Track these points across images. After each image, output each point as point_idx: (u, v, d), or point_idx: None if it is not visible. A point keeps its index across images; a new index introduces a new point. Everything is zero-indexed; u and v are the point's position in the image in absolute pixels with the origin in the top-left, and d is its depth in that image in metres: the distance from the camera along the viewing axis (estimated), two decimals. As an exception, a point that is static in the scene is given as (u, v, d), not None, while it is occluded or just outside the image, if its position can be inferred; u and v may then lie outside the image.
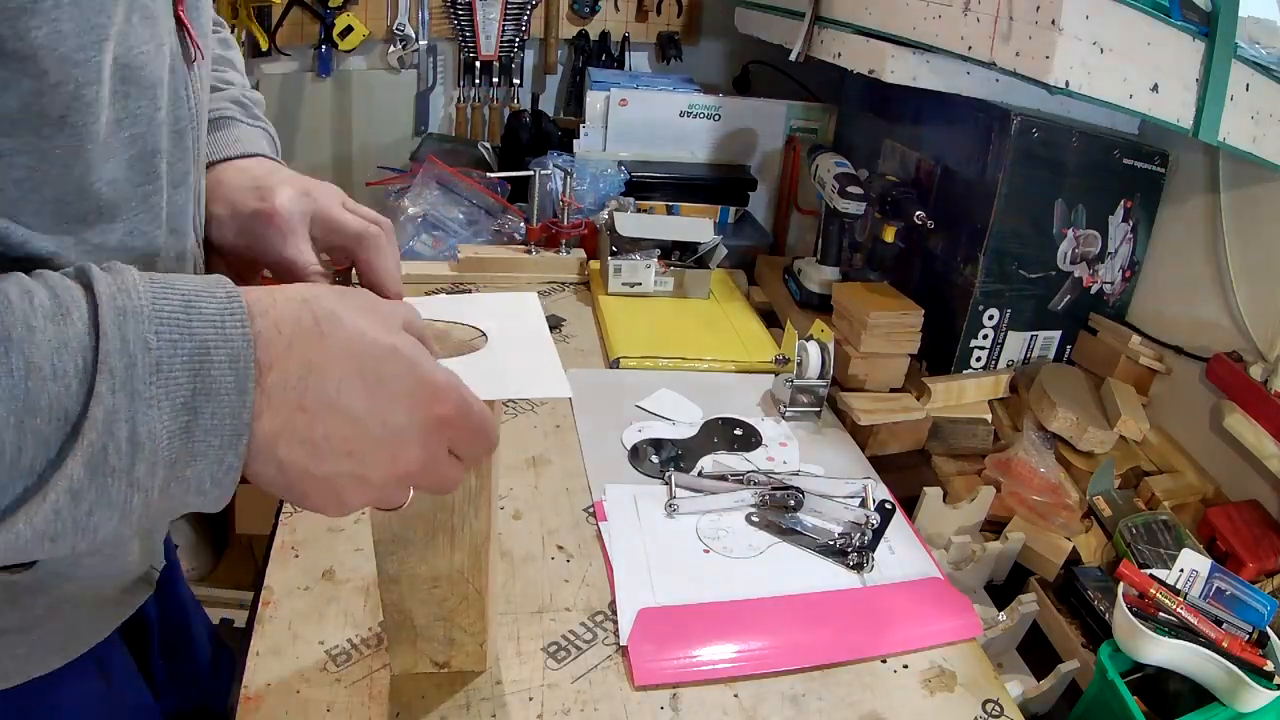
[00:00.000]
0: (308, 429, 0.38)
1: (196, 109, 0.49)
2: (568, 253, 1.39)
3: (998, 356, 1.18)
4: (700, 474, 0.90)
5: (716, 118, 1.59)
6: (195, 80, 0.49)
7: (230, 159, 0.59)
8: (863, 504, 0.85)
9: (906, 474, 1.01)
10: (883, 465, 0.98)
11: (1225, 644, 0.68)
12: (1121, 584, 0.72)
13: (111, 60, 0.39)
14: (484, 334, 0.55)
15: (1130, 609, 0.70)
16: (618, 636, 0.69)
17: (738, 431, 0.99)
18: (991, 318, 1.14)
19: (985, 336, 1.15)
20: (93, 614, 0.58)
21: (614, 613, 0.72)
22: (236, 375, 0.35)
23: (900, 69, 1.07)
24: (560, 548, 0.79)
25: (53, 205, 0.39)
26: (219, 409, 0.35)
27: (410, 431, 0.41)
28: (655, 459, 0.93)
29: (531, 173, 1.33)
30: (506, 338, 0.55)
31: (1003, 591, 0.90)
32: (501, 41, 1.77)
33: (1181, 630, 0.69)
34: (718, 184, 1.56)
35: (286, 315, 0.38)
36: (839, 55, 1.21)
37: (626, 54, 1.84)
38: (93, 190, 0.41)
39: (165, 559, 0.67)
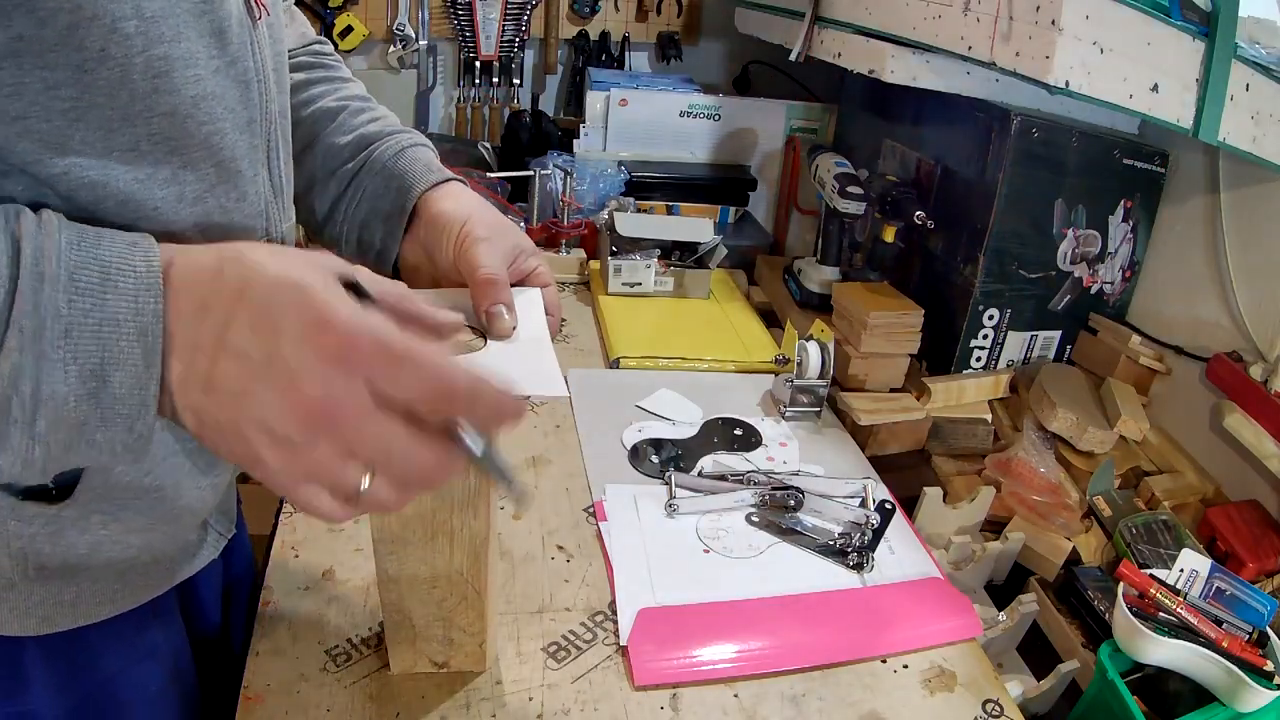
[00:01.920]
0: (206, 368, 0.38)
1: (263, 64, 0.50)
2: (568, 253, 1.39)
3: (998, 356, 1.18)
4: (700, 474, 0.90)
5: (716, 118, 1.59)
6: (260, 37, 0.50)
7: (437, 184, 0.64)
8: (863, 504, 0.85)
9: (906, 474, 1.01)
10: (883, 465, 0.98)
11: (1225, 644, 0.68)
12: (1121, 584, 0.72)
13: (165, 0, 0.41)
14: (483, 337, 0.55)
15: (1130, 609, 0.70)
16: (618, 636, 0.69)
17: (738, 431, 0.99)
18: (991, 318, 1.14)
19: (985, 336, 1.15)
20: (147, 569, 0.57)
21: (614, 613, 0.72)
22: (144, 349, 0.37)
23: (900, 69, 1.07)
24: (560, 548, 0.79)
25: (100, 134, 0.41)
26: (126, 379, 0.37)
27: (300, 365, 0.37)
28: (655, 459, 0.93)
29: (531, 173, 1.34)
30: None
31: (1003, 591, 0.90)
32: (501, 41, 1.77)
33: (1181, 630, 0.69)
34: (718, 184, 1.56)
35: (201, 266, 0.39)
36: (839, 55, 1.21)
37: (626, 54, 1.83)
38: (142, 123, 0.42)
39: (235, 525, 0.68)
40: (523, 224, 1.38)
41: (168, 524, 0.55)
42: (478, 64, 1.78)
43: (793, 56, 1.30)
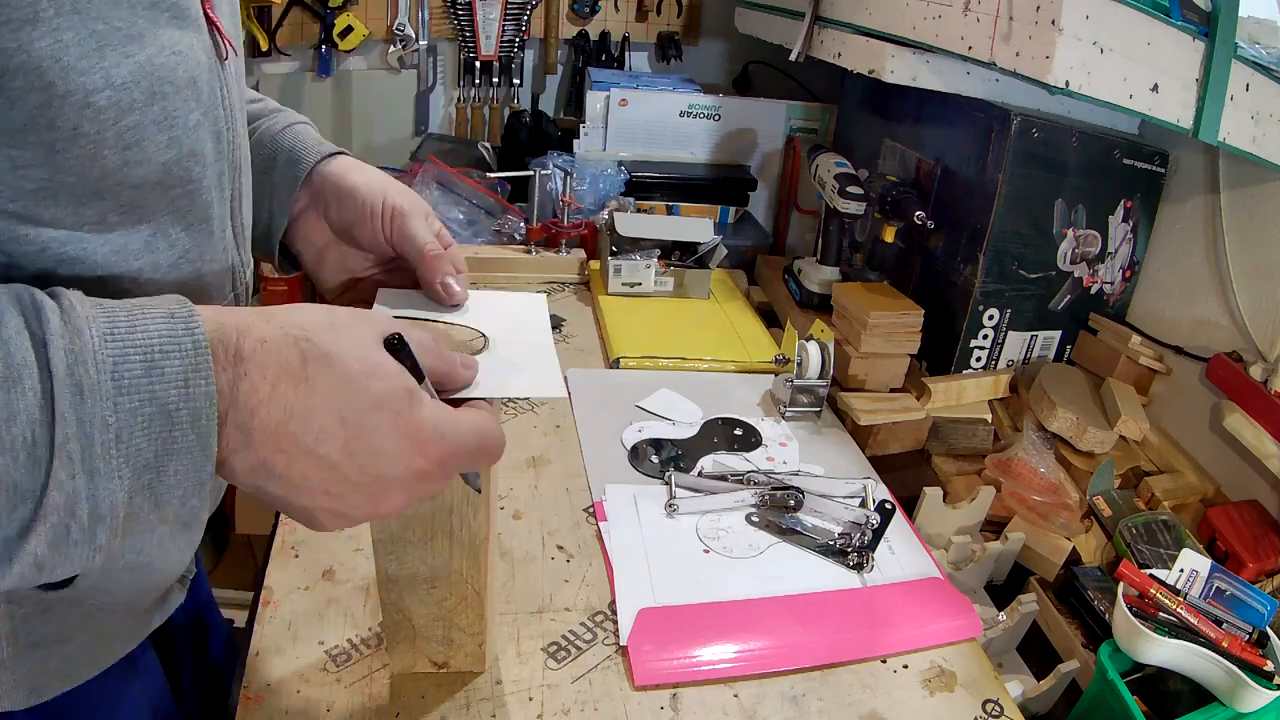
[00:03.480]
0: (285, 469, 0.38)
1: (231, 108, 0.49)
2: (568, 253, 1.39)
3: (998, 356, 1.18)
4: (700, 474, 0.90)
5: (716, 118, 1.59)
6: (228, 78, 0.48)
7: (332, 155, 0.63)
8: (863, 504, 0.85)
9: (906, 474, 1.01)
10: (883, 465, 0.98)
11: (1225, 644, 0.68)
12: (1121, 584, 0.72)
13: (132, 64, 0.39)
14: (484, 336, 0.55)
15: (1130, 609, 0.70)
16: (618, 636, 0.69)
17: (738, 431, 0.99)
18: (991, 318, 1.14)
19: (985, 336, 1.15)
20: (127, 624, 0.57)
21: (614, 613, 0.72)
22: (199, 434, 0.35)
23: (900, 69, 1.07)
24: (560, 548, 0.79)
25: (70, 210, 0.39)
26: (182, 466, 0.36)
27: (394, 480, 0.41)
28: (655, 459, 0.93)
29: (531, 173, 1.33)
30: (508, 339, 0.55)
31: (1003, 591, 0.90)
32: (501, 41, 1.77)
33: (1181, 630, 0.69)
34: (718, 184, 1.56)
35: (273, 358, 0.38)
36: (839, 55, 1.21)
37: (626, 54, 1.83)
38: (111, 196, 0.40)
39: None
40: (523, 224, 1.38)
41: (152, 590, 0.55)
42: (478, 64, 1.78)
43: (793, 56, 1.30)
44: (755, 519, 0.85)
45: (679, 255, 1.33)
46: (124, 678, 0.60)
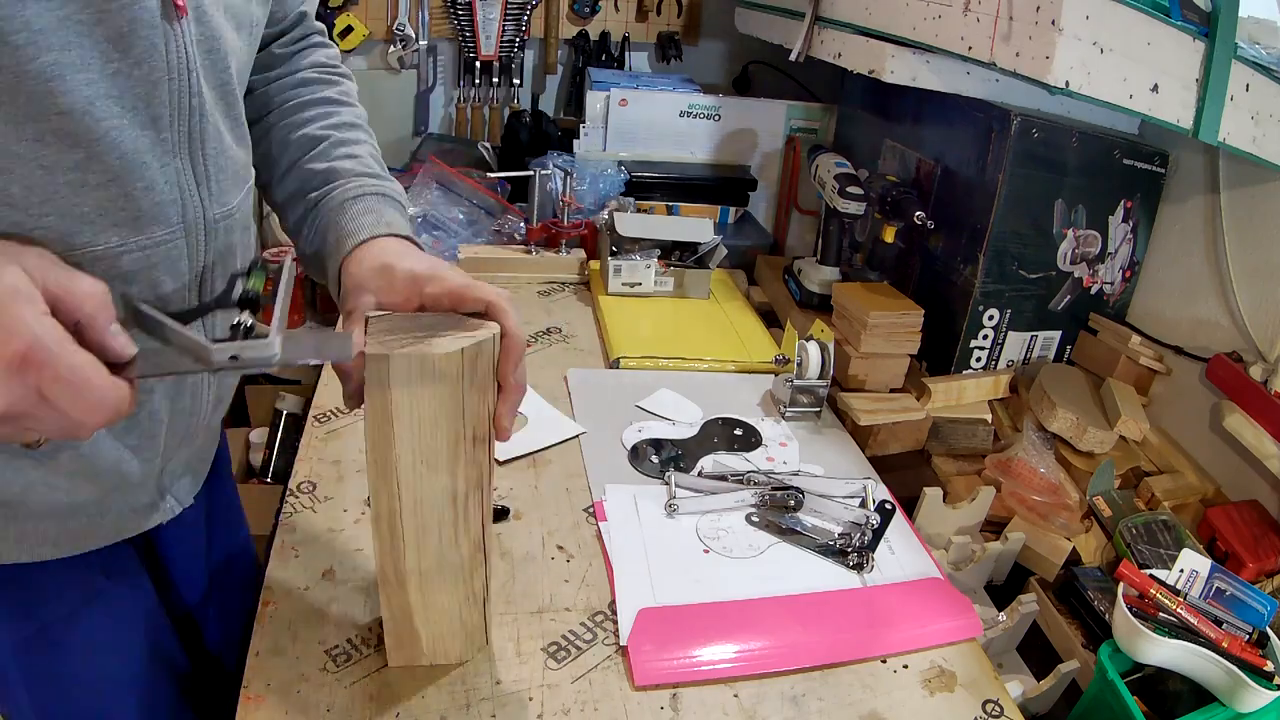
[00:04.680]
0: None
1: (183, 60, 0.52)
2: (568, 253, 1.39)
3: (998, 356, 1.18)
4: (700, 474, 0.90)
5: (716, 118, 1.59)
6: (184, 34, 0.52)
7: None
8: (863, 504, 0.85)
9: (906, 474, 1.01)
10: (883, 465, 0.98)
11: (1225, 644, 0.68)
12: (1121, 584, 0.72)
13: (52, 17, 0.44)
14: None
15: (1130, 609, 0.70)
16: (618, 636, 0.69)
17: (738, 431, 0.99)
18: (991, 318, 1.14)
19: (985, 336, 1.15)
20: (91, 520, 0.62)
21: (614, 613, 0.72)
22: None
23: (900, 69, 1.07)
24: (560, 548, 0.79)
25: (12, 128, 0.45)
26: None
27: None
28: (655, 459, 0.93)
29: (531, 173, 1.33)
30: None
31: (1003, 591, 0.90)
32: (501, 41, 1.77)
33: (1181, 630, 0.69)
34: (718, 184, 1.56)
35: None
36: (839, 55, 1.21)
37: (626, 54, 1.83)
38: (43, 120, 0.46)
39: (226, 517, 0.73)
40: (523, 224, 1.38)
41: (94, 477, 0.58)
42: (478, 64, 1.78)
43: (793, 56, 1.30)
44: (755, 519, 0.85)
45: (679, 255, 1.34)
46: (93, 575, 0.65)
